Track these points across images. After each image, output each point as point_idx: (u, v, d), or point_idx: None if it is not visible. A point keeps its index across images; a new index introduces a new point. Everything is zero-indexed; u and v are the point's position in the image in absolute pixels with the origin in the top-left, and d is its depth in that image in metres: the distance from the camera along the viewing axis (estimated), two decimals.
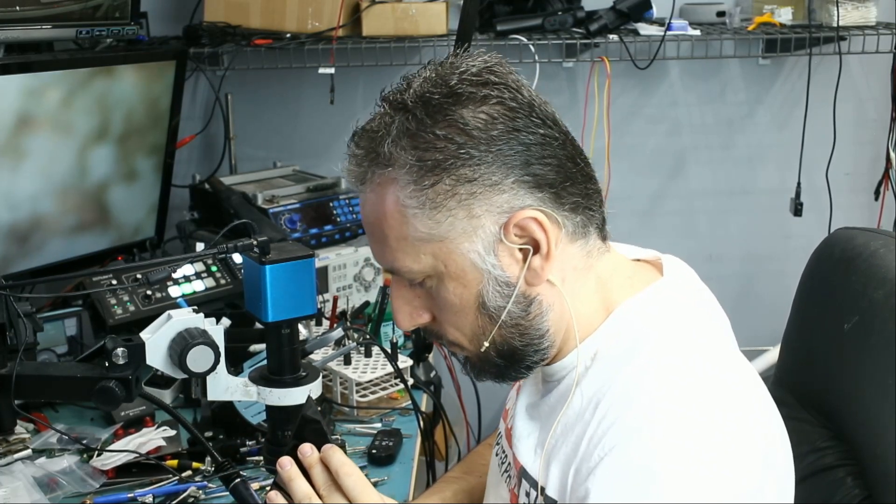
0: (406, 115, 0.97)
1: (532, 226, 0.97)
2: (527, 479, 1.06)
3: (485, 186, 0.96)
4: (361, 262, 2.18)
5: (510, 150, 0.96)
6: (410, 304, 1.05)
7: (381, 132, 0.98)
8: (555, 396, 1.06)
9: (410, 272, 1.00)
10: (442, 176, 0.95)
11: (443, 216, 0.96)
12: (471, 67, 0.99)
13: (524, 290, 1.00)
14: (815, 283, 1.26)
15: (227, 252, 1.17)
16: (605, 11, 2.34)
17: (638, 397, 0.93)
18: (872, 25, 2.33)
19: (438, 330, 1.06)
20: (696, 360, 0.97)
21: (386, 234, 1.00)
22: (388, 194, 0.98)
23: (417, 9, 2.29)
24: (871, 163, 2.66)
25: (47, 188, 1.92)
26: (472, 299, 1.00)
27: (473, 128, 0.95)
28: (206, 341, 1.14)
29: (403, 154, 0.96)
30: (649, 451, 0.90)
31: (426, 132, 0.96)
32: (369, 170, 0.99)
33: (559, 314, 1.02)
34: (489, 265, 0.98)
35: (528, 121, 0.97)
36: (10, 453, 1.55)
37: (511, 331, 1.01)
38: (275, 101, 2.64)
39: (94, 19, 2.05)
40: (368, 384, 1.77)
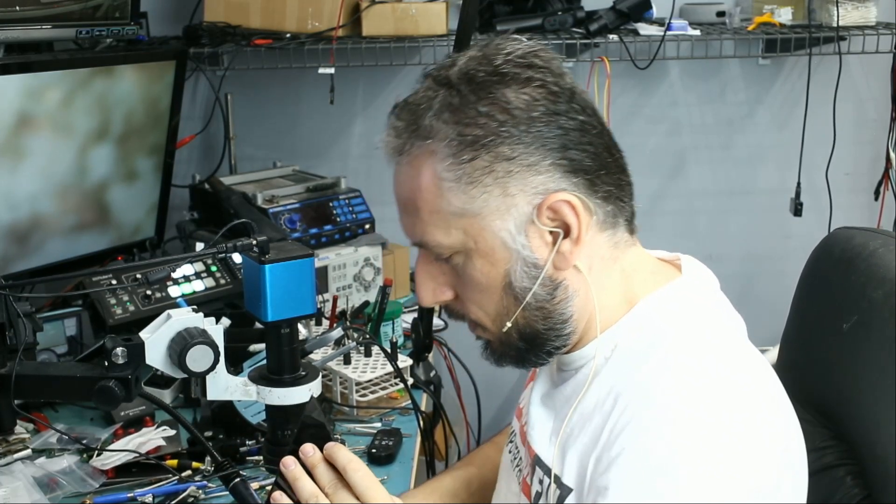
0: (450, 90, 0.98)
1: (565, 209, 0.98)
2: (540, 467, 1.06)
3: (522, 166, 0.97)
4: (361, 261, 2.18)
5: (549, 133, 0.97)
6: (435, 280, 1.06)
7: (423, 105, 0.99)
8: (571, 386, 1.06)
9: (439, 246, 1.01)
10: (480, 152, 0.96)
11: (478, 192, 0.97)
12: (516, 50, 1.00)
13: (551, 273, 1.00)
14: (814, 282, 1.26)
15: (226, 252, 1.17)
16: (605, 11, 2.34)
17: (656, 396, 0.93)
18: (872, 25, 2.33)
19: (460, 308, 1.06)
20: (714, 359, 0.97)
21: (418, 207, 1.00)
22: (426, 167, 0.99)
23: (417, 9, 2.29)
24: (871, 163, 2.66)
25: (47, 188, 1.92)
26: (499, 278, 1.00)
27: (515, 107, 0.96)
28: (205, 341, 1.14)
29: (444, 127, 0.97)
30: (665, 450, 0.90)
31: (468, 108, 0.97)
32: (408, 141, 1.00)
33: (583, 302, 1.02)
34: (519, 245, 0.99)
35: (568, 106, 0.98)
36: (10, 453, 1.55)
37: (535, 314, 1.02)
38: (275, 101, 2.64)
39: (94, 19, 2.06)
40: (368, 384, 1.77)
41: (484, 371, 2.42)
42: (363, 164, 2.69)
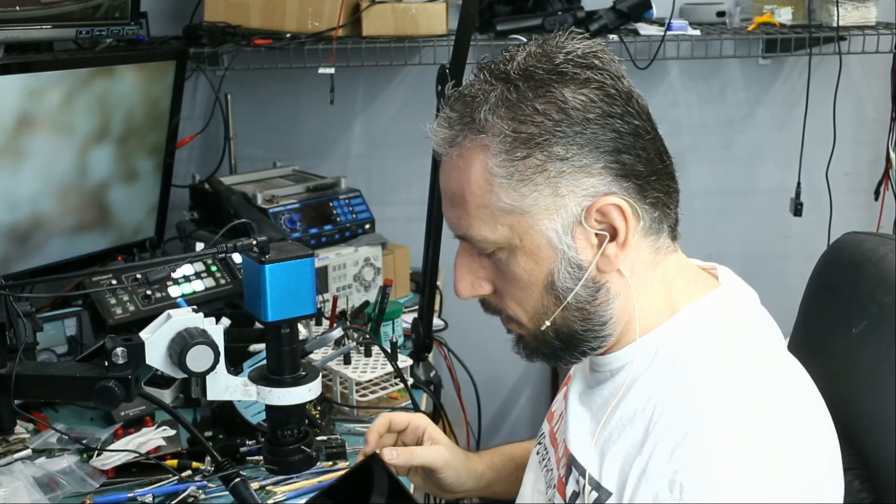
0: (507, 85, 0.98)
1: (614, 213, 0.98)
2: (576, 468, 1.05)
3: (574, 167, 0.97)
4: (361, 261, 2.18)
5: (603, 136, 0.97)
6: (474, 274, 1.06)
7: (478, 98, 0.99)
8: (608, 389, 1.05)
9: (484, 241, 1.01)
10: (534, 150, 0.96)
11: (528, 190, 0.97)
12: (576, 49, 1.00)
13: (594, 275, 1.00)
14: (822, 287, 1.26)
15: (226, 252, 1.17)
16: (605, 11, 2.34)
17: (706, 412, 0.93)
18: (872, 25, 2.33)
19: (498, 304, 1.07)
20: (760, 374, 0.96)
21: (466, 200, 1.00)
22: (477, 161, 0.99)
23: (417, 9, 2.29)
24: (871, 163, 2.66)
25: (47, 188, 1.92)
26: (542, 277, 1.01)
27: (572, 107, 0.96)
28: (205, 341, 1.14)
29: (499, 123, 0.97)
30: (717, 470, 0.89)
31: (525, 104, 0.97)
32: (461, 133, 0.99)
33: (623, 305, 1.02)
34: (565, 245, 0.99)
35: (624, 109, 0.99)
36: (10, 453, 1.55)
37: (574, 314, 1.02)
38: (275, 101, 2.64)
39: (94, 19, 2.06)
40: (368, 384, 1.77)
41: (484, 371, 2.43)
42: (363, 164, 2.69)
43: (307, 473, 1.49)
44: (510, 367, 2.87)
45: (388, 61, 2.35)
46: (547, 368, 2.85)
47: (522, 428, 2.93)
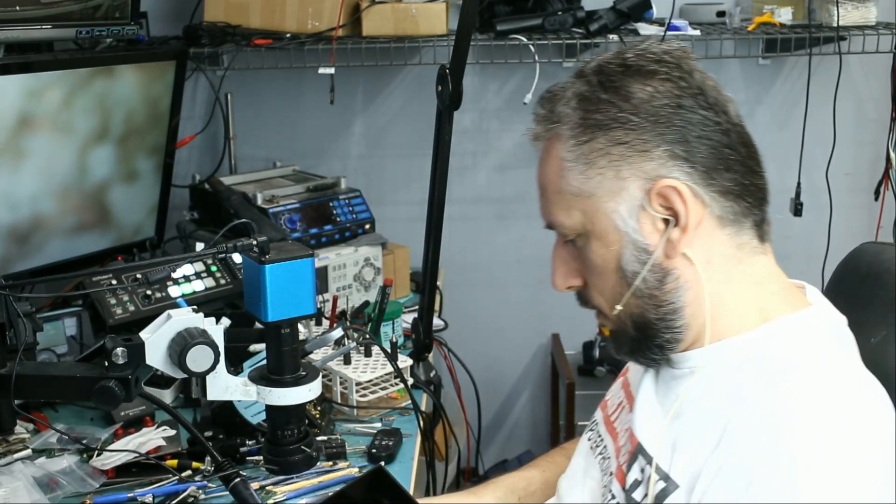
0: (582, 80, 1.05)
1: (673, 196, 1.00)
2: (643, 456, 1.05)
3: (636, 151, 1.01)
4: (361, 262, 2.18)
5: (668, 123, 1.01)
6: (566, 265, 1.10)
7: (558, 95, 1.07)
8: (685, 384, 1.05)
9: (563, 227, 1.07)
10: (597, 134, 1.02)
11: (593, 173, 1.03)
12: (651, 48, 1.06)
13: (661, 260, 1.02)
14: (839, 296, 1.25)
15: (226, 252, 1.17)
16: (605, 11, 2.34)
17: (791, 419, 0.93)
18: (872, 25, 2.33)
19: (587, 295, 1.11)
20: (847, 390, 0.96)
21: (546, 188, 1.08)
22: (553, 149, 1.06)
23: (417, 9, 2.29)
24: (871, 163, 2.66)
25: (47, 188, 1.92)
26: (613, 261, 1.04)
27: (637, 97, 1.02)
28: (205, 341, 1.14)
29: (571, 113, 1.04)
30: (797, 473, 0.89)
31: (593, 95, 1.03)
32: (544, 127, 1.08)
33: (696, 296, 1.03)
34: (629, 228, 1.02)
35: (693, 101, 1.02)
36: (10, 453, 1.55)
37: (646, 301, 1.04)
38: (275, 101, 2.64)
39: (94, 19, 2.06)
40: (368, 384, 1.77)
41: (484, 371, 2.43)
42: (363, 164, 2.69)
43: (307, 473, 1.49)
44: (510, 367, 2.88)
45: (388, 61, 2.35)
46: (547, 368, 2.85)
47: (522, 428, 2.93)
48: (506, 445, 2.92)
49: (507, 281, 2.80)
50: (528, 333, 2.84)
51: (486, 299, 2.80)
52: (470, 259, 2.74)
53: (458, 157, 2.65)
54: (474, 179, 2.72)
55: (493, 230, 2.76)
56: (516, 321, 2.83)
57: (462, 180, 2.68)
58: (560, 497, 1.23)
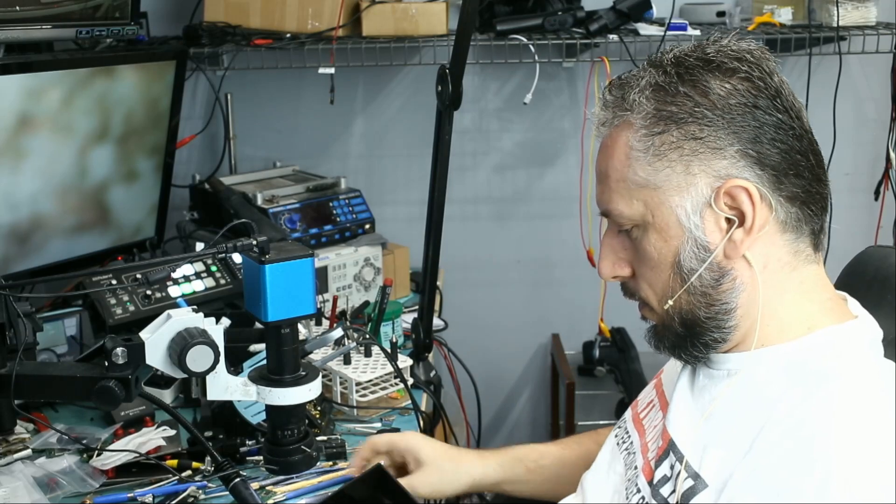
0: (659, 70, 1.04)
1: (742, 196, 1.00)
2: (674, 453, 1.06)
3: (708, 148, 1.00)
4: (361, 262, 2.18)
5: (743, 122, 1.00)
6: (615, 254, 1.09)
7: (632, 82, 1.05)
8: (722, 386, 1.05)
9: (621, 216, 1.05)
10: (671, 127, 1.01)
11: (662, 165, 1.01)
12: (732, 44, 1.04)
13: (720, 260, 1.02)
14: None
15: (226, 252, 1.17)
16: (605, 11, 2.34)
17: (830, 426, 0.92)
18: (872, 25, 2.33)
19: (634, 287, 1.09)
20: (888, 403, 0.95)
21: (608, 175, 1.06)
22: (621, 136, 1.04)
23: (417, 9, 2.29)
24: (871, 163, 2.66)
25: (47, 188, 1.92)
26: (670, 255, 1.03)
27: (714, 93, 1.00)
28: (205, 341, 1.14)
29: (645, 102, 1.03)
30: (832, 477, 0.89)
31: (670, 86, 1.02)
32: (613, 113, 1.05)
33: (749, 298, 1.03)
34: (692, 224, 1.01)
35: (769, 102, 1.01)
36: (10, 453, 1.55)
37: (699, 299, 1.03)
38: (275, 101, 2.64)
39: (94, 19, 2.05)
40: (368, 384, 1.77)
41: (484, 371, 2.43)
42: (363, 164, 2.69)
43: (307, 473, 1.49)
44: (510, 367, 2.88)
45: (388, 61, 2.35)
46: (547, 368, 2.85)
47: (522, 428, 2.93)
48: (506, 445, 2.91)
49: (507, 281, 2.80)
50: (528, 333, 2.84)
51: (486, 299, 2.79)
52: (470, 259, 2.74)
53: (458, 157, 2.65)
54: (474, 179, 2.72)
55: (493, 230, 2.76)
56: (516, 321, 2.83)
57: (462, 180, 2.68)
58: (584, 491, 1.24)
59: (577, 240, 2.56)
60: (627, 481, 1.14)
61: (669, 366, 1.27)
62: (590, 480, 1.23)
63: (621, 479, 1.16)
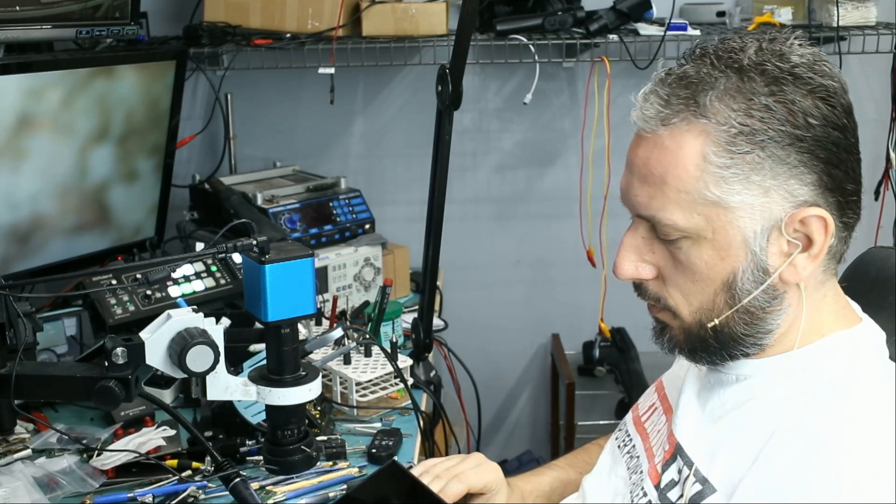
0: (740, 75, 0.96)
1: (815, 225, 0.96)
2: (682, 458, 1.05)
3: (789, 172, 0.95)
4: (361, 261, 2.18)
5: (822, 145, 0.95)
6: (640, 256, 1.03)
7: (705, 82, 0.96)
8: (730, 391, 1.04)
9: (673, 226, 0.98)
10: (756, 147, 0.94)
11: (740, 186, 0.95)
12: (806, 53, 0.98)
13: (776, 283, 0.98)
14: None
15: (226, 252, 1.17)
16: (605, 11, 2.34)
17: (842, 429, 0.93)
18: (872, 25, 2.33)
19: (657, 291, 1.04)
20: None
21: (666, 182, 0.97)
22: (692, 145, 0.96)
23: (417, 9, 2.29)
24: (871, 163, 2.64)
25: (47, 188, 1.92)
26: (723, 273, 0.98)
27: (800, 110, 0.94)
28: (205, 341, 1.14)
29: (726, 111, 0.95)
30: (844, 481, 0.89)
31: (757, 98, 0.94)
32: (679, 114, 0.97)
33: (791, 319, 1.01)
34: (757, 247, 0.97)
35: (845, 123, 0.97)
36: (10, 453, 1.55)
37: (742, 317, 1.00)
38: (275, 101, 2.64)
39: (94, 19, 2.05)
40: (368, 384, 1.77)
41: (484, 371, 2.43)
42: (363, 164, 2.69)
43: (307, 473, 1.49)
44: (510, 367, 2.88)
45: (388, 61, 2.34)
46: (547, 368, 2.85)
47: (522, 428, 2.93)
48: (506, 445, 2.92)
49: (507, 281, 2.79)
50: (528, 333, 2.84)
51: (486, 299, 2.80)
52: (470, 259, 2.74)
53: (458, 157, 2.65)
54: (474, 179, 2.72)
55: (493, 230, 2.76)
56: (516, 321, 2.83)
57: (462, 180, 2.68)
58: (585, 495, 1.23)
59: (577, 240, 2.56)
60: (632, 485, 1.13)
61: (672, 369, 1.26)
62: (591, 483, 1.23)
63: (624, 483, 1.16)
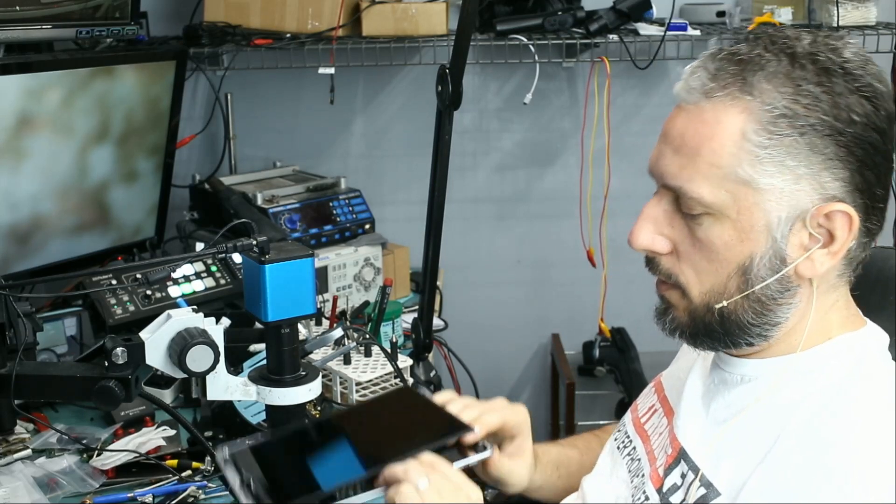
0: (792, 61, 0.96)
1: (841, 221, 0.96)
2: (686, 462, 1.04)
3: (824, 164, 0.94)
4: (361, 261, 2.18)
5: (861, 144, 0.95)
6: (658, 227, 1.03)
7: (753, 61, 0.96)
8: (735, 393, 1.04)
9: (698, 200, 0.98)
10: (796, 132, 0.94)
11: (773, 168, 0.95)
12: (860, 52, 0.98)
13: (790, 275, 0.98)
14: None
15: (226, 252, 1.17)
16: (605, 11, 2.34)
17: (850, 431, 0.92)
18: (872, 25, 2.33)
19: (670, 268, 1.03)
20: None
21: (700, 154, 0.97)
22: (733, 121, 0.96)
23: (417, 9, 2.29)
24: None
25: (47, 188, 1.92)
26: (740, 257, 0.98)
27: (846, 107, 0.94)
28: (205, 341, 1.14)
29: (772, 93, 0.95)
30: (849, 481, 0.89)
31: (806, 85, 0.94)
32: (725, 89, 0.96)
33: (799, 316, 1.01)
34: (779, 234, 0.96)
35: (887, 129, 0.97)
36: (10, 453, 1.55)
37: (753, 305, 0.99)
38: (275, 101, 2.64)
39: (94, 19, 2.06)
40: (368, 384, 1.77)
41: (484, 371, 2.43)
42: (363, 164, 2.69)
43: None
44: (510, 367, 2.88)
45: (388, 61, 2.35)
46: (547, 368, 2.85)
47: None
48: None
49: (507, 281, 2.79)
50: (528, 333, 2.84)
51: (486, 299, 2.79)
52: (470, 259, 2.74)
53: (458, 157, 2.65)
54: (474, 179, 2.72)
55: (493, 230, 2.76)
56: (516, 321, 2.83)
57: (462, 180, 2.68)
58: (584, 496, 1.22)
59: (577, 240, 2.56)
60: (634, 488, 1.13)
61: (671, 369, 1.26)
62: (591, 484, 1.22)
63: (625, 486, 1.15)
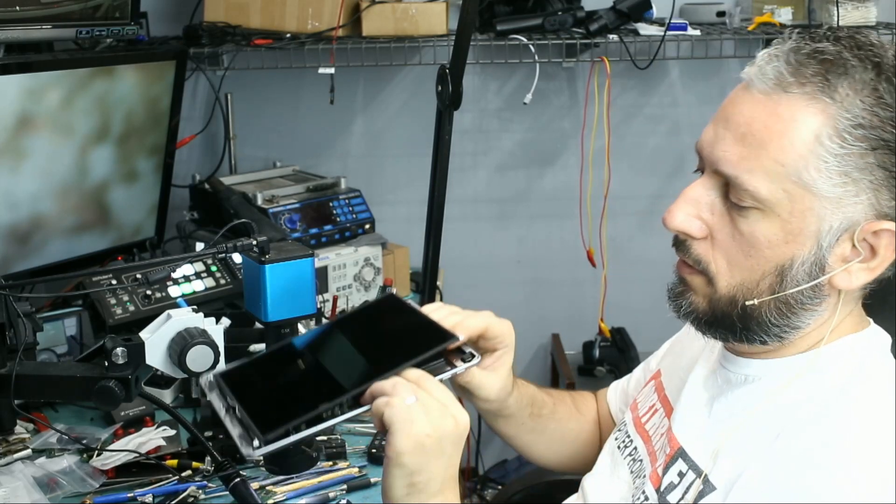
0: (878, 71, 0.94)
1: (888, 240, 0.96)
2: (685, 460, 1.05)
3: (886, 180, 0.94)
4: (361, 262, 2.18)
5: None
6: (697, 211, 1.02)
7: (838, 63, 0.95)
8: (737, 392, 1.05)
9: (753, 193, 0.96)
10: (868, 145, 0.93)
11: (840, 178, 0.94)
12: None
13: (824, 283, 0.98)
14: None
15: (226, 252, 1.17)
16: (605, 11, 2.34)
17: (849, 430, 0.93)
18: (872, 25, 2.33)
19: (701, 254, 1.02)
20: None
21: (766, 148, 0.95)
22: (809, 121, 0.94)
23: (417, 9, 2.30)
24: None
25: (47, 188, 1.92)
26: (782, 257, 0.97)
27: None
28: (205, 341, 1.15)
29: (856, 102, 0.93)
30: (846, 480, 0.89)
31: (888, 99, 0.93)
32: (804, 86, 0.95)
33: (819, 323, 1.01)
34: (826, 242, 0.96)
35: None
36: (10, 453, 1.55)
37: (780, 307, 0.99)
38: (275, 101, 2.64)
39: (94, 19, 2.05)
40: None
41: None
42: (363, 164, 2.69)
43: (307, 473, 1.49)
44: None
45: (388, 61, 2.35)
46: (547, 368, 2.85)
47: None
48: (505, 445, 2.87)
49: (507, 281, 2.79)
50: (528, 333, 2.84)
51: (486, 299, 2.78)
52: (470, 259, 2.74)
53: (458, 157, 2.65)
54: (474, 179, 2.72)
55: (493, 230, 2.76)
56: (516, 321, 2.80)
57: (462, 180, 2.68)
58: (585, 496, 1.23)
59: (577, 240, 2.56)
60: (635, 489, 1.13)
61: (669, 367, 1.26)
62: (592, 484, 1.23)
63: (627, 487, 1.16)
